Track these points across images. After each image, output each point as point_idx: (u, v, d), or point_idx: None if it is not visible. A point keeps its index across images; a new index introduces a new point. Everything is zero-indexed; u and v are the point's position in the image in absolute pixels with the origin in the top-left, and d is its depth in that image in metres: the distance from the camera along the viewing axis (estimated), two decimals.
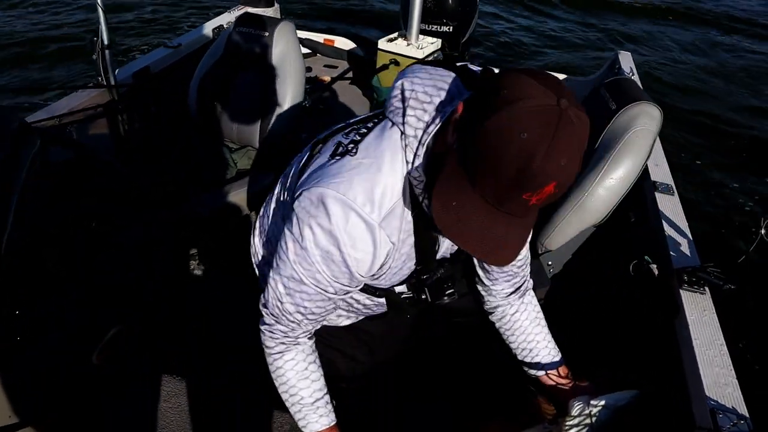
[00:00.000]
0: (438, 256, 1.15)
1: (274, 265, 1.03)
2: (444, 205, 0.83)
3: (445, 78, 0.95)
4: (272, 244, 1.22)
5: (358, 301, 1.20)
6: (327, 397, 1.12)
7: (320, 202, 0.92)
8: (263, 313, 1.08)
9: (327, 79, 3.25)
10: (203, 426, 1.35)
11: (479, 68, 0.99)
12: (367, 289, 1.15)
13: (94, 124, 2.32)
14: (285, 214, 1.03)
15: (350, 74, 3.33)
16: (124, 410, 1.39)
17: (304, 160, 1.09)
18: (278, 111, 2.26)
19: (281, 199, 1.19)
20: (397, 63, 3.06)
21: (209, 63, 2.38)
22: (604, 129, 1.63)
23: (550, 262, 1.70)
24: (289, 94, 2.27)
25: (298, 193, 0.96)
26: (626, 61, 2.98)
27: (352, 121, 1.08)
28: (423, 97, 0.92)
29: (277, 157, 2.26)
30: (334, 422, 1.12)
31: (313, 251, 0.94)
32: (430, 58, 3.10)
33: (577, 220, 1.61)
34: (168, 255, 1.96)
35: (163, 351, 1.52)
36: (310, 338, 1.12)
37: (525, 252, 1.23)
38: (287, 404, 1.11)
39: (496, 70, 0.98)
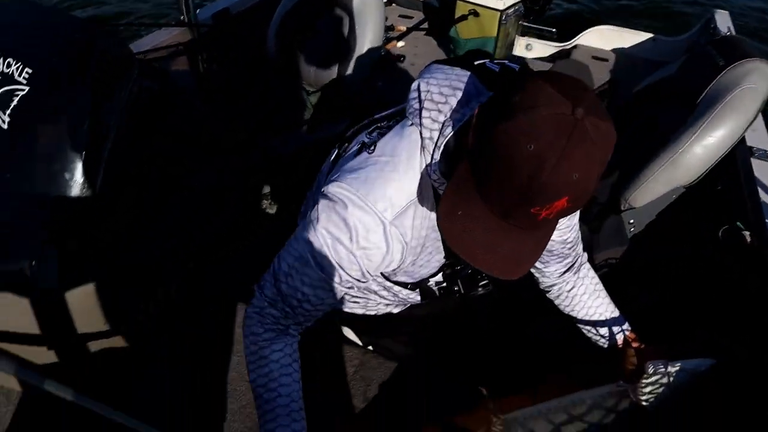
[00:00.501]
0: None
1: (285, 246, 1.02)
2: (449, 215, 0.81)
3: (461, 78, 0.91)
4: None
5: (400, 291, 1.22)
6: (301, 403, 1.02)
7: (337, 196, 0.92)
8: (257, 295, 1.05)
9: (402, 29, 3.19)
10: (220, 409, 1.32)
11: (498, 66, 0.95)
12: (399, 282, 1.16)
13: (175, 62, 2.37)
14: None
15: (426, 25, 3.25)
16: (142, 391, 1.35)
17: (332, 159, 1.12)
18: (356, 56, 2.24)
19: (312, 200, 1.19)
20: (476, 14, 2.96)
21: (289, 5, 2.37)
22: (708, 86, 1.53)
23: (631, 220, 1.63)
24: (368, 39, 2.24)
25: (322, 189, 0.97)
26: (723, 20, 2.76)
27: (376, 116, 1.08)
28: (438, 98, 0.90)
29: (353, 103, 2.27)
30: None
31: (325, 236, 0.94)
32: (510, 10, 2.98)
33: (666, 177, 1.53)
34: (237, 203, 1.96)
35: (181, 333, 1.48)
36: (299, 333, 1.08)
37: (575, 234, 1.19)
38: (258, 401, 1.01)
39: (516, 68, 0.94)
